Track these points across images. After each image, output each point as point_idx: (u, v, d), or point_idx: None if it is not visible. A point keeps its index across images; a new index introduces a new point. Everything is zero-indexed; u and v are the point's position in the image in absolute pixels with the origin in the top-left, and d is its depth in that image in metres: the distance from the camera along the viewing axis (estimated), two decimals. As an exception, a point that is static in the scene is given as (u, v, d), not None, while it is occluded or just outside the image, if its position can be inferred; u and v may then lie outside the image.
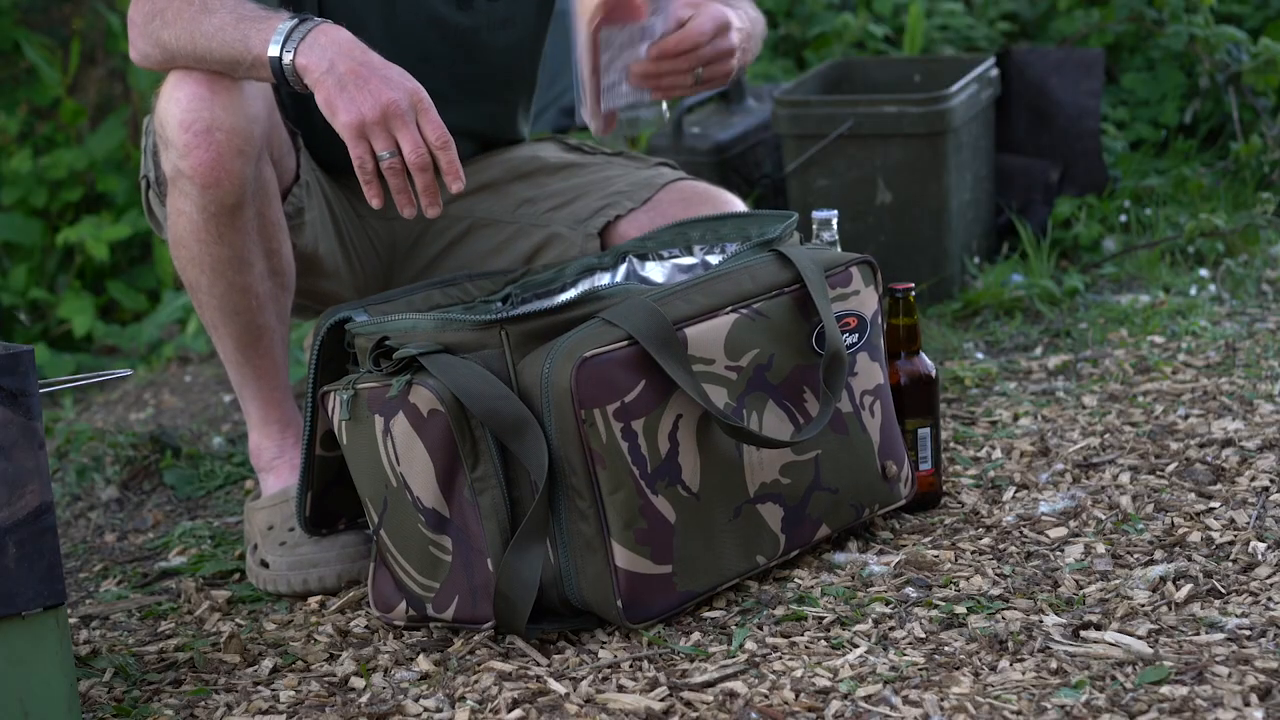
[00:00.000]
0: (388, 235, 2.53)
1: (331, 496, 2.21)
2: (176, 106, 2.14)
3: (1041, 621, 1.93)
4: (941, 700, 1.77)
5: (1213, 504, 2.21)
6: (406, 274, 2.54)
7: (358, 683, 1.98)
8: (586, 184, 2.51)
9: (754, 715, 1.78)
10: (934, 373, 2.27)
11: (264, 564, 2.27)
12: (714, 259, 2.25)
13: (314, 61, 2.04)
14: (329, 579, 2.23)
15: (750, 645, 1.94)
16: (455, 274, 2.33)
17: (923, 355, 2.27)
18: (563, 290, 2.25)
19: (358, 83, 2.03)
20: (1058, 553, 2.12)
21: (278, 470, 2.36)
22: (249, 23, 2.08)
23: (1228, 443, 2.40)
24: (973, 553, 2.14)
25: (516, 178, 2.54)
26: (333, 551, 2.23)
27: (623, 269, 2.28)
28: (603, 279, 2.27)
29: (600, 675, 1.91)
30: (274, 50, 2.04)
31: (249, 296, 2.25)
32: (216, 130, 2.12)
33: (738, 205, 2.46)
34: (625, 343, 1.95)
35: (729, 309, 2.05)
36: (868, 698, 1.80)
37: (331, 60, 2.03)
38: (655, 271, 2.28)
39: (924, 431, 2.26)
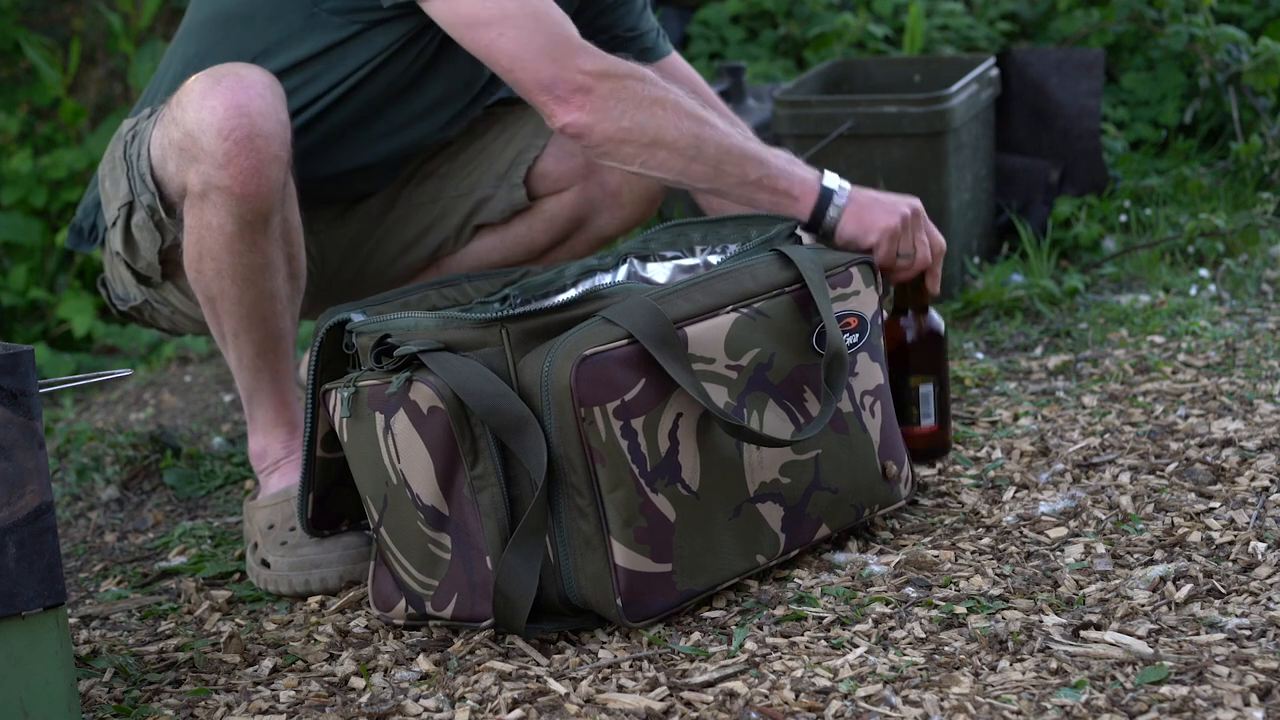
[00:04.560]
0: (318, 250, 2.54)
1: (334, 498, 2.21)
2: (213, 115, 2.12)
3: (1041, 621, 1.93)
4: (941, 700, 1.77)
5: (1213, 504, 2.21)
6: (345, 284, 2.57)
7: (358, 683, 1.98)
8: (493, 140, 2.55)
9: (754, 715, 1.78)
10: (941, 330, 2.30)
11: (265, 564, 2.27)
12: (715, 260, 2.25)
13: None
14: (331, 580, 2.23)
15: (750, 645, 1.94)
16: (454, 274, 2.33)
17: (932, 312, 2.31)
18: (562, 291, 2.25)
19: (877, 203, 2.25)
20: (1058, 553, 2.12)
21: (283, 469, 2.36)
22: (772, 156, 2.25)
23: (1228, 443, 2.40)
24: (973, 553, 2.14)
25: (424, 159, 2.57)
26: (334, 552, 2.23)
27: (624, 270, 2.28)
28: (603, 279, 2.27)
29: (600, 675, 1.91)
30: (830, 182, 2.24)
31: (274, 302, 2.25)
32: (257, 137, 2.11)
33: None
34: (625, 341, 1.96)
35: (729, 308, 2.05)
36: (868, 698, 1.80)
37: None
38: (657, 272, 2.28)
39: (926, 388, 2.28)
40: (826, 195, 2.22)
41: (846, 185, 2.24)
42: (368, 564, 2.22)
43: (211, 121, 2.12)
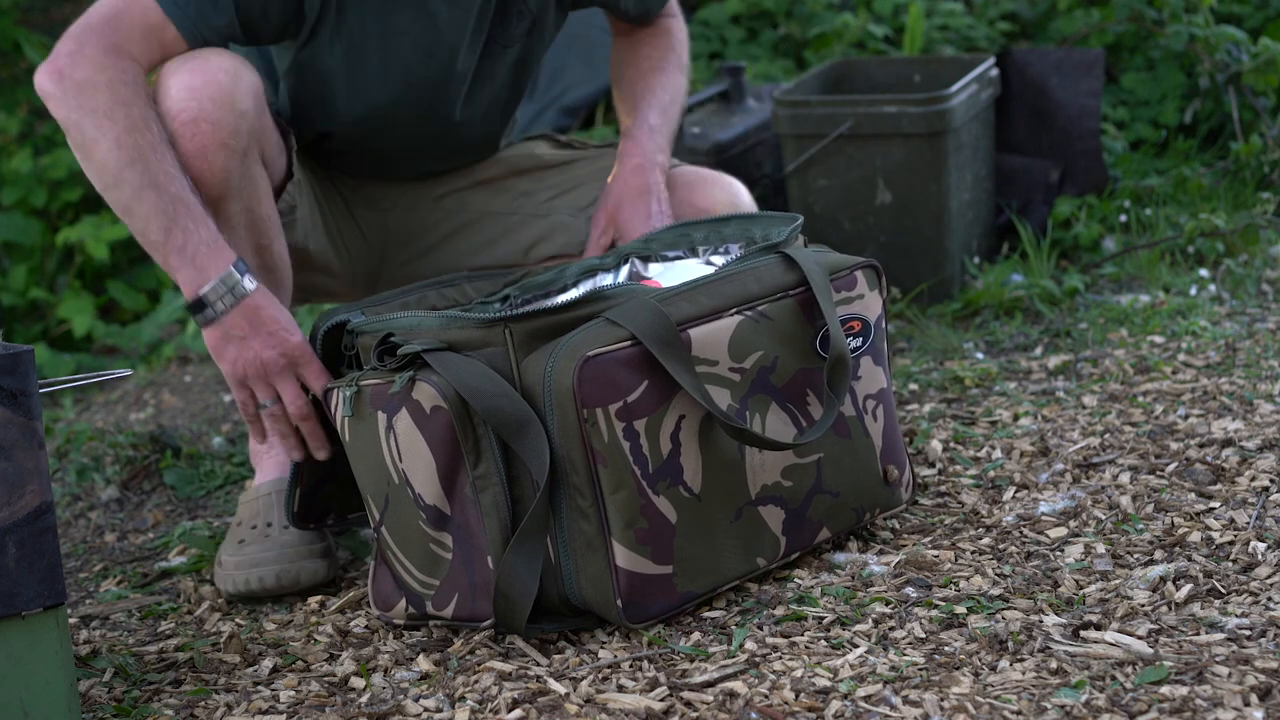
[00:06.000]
0: (380, 229, 2.53)
1: (322, 493, 2.21)
2: (165, 97, 2.15)
3: (1041, 621, 1.93)
4: (941, 700, 1.77)
5: (1213, 504, 2.21)
6: (400, 265, 2.55)
7: (358, 683, 1.98)
8: (585, 174, 2.52)
9: (754, 715, 1.78)
10: None
11: (220, 561, 2.28)
12: (718, 260, 2.25)
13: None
14: (268, 579, 2.23)
15: (750, 645, 1.94)
16: (453, 274, 2.33)
17: None
18: (563, 291, 2.25)
19: (241, 337, 2.13)
20: (1058, 553, 2.12)
21: (263, 465, 2.38)
22: (195, 229, 2.11)
23: (1228, 443, 2.40)
24: (973, 553, 2.14)
25: (514, 174, 2.55)
26: (272, 552, 2.24)
27: (625, 270, 2.28)
28: (605, 280, 2.27)
29: (600, 675, 1.91)
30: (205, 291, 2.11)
31: None
32: (203, 122, 2.13)
33: (740, 190, 2.47)
34: (628, 343, 1.95)
35: (733, 310, 2.04)
36: (868, 698, 1.80)
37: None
38: (658, 272, 2.28)
39: None
40: (199, 306, 2.12)
41: (229, 300, 2.11)
42: (305, 563, 2.24)
43: (165, 103, 2.16)
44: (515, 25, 2.40)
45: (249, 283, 2.12)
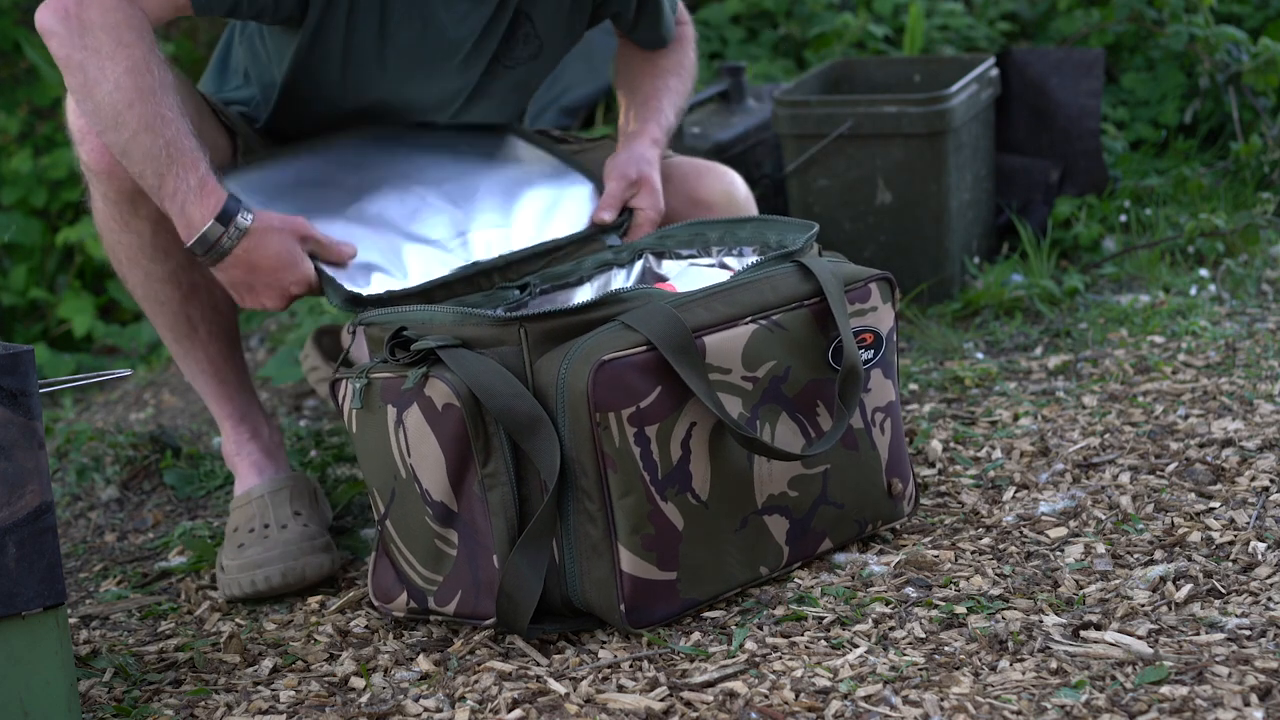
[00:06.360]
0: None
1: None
2: (72, 97, 2.17)
3: (1041, 621, 1.93)
4: (941, 700, 1.77)
5: (1213, 504, 2.21)
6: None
7: (358, 683, 1.98)
8: (586, 162, 2.52)
9: (754, 715, 1.78)
10: None
11: (222, 568, 2.28)
12: (732, 261, 2.25)
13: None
14: (274, 578, 2.23)
15: (750, 645, 1.94)
16: (491, 258, 2.31)
17: None
18: (579, 283, 2.25)
19: (245, 284, 2.16)
20: (1058, 553, 2.12)
21: (239, 469, 2.38)
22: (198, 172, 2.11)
23: (1228, 443, 2.40)
24: (973, 553, 2.14)
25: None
26: (275, 550, 2.24)
27: (639, 265, 2.28)
28: (618, 274, 2.27)
29: (600, 675, 1.91)
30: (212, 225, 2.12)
31: (169, 286, 2.27)
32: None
33: (736, 180, 2.47)
34: (643, 348, 1.95)
35: (748, 319, 2.04)
36: (868, 698, 1.80)
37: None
38: (671, 270, 2.28)
39: None
40: (193, 252, 2.14)
41: (220, 250, 2.13)
42: (310, 559, 2.24)
43: (71, 104, 2.20)
44: (521, 49, 2.40)
45: (243, 219, 2.12)
